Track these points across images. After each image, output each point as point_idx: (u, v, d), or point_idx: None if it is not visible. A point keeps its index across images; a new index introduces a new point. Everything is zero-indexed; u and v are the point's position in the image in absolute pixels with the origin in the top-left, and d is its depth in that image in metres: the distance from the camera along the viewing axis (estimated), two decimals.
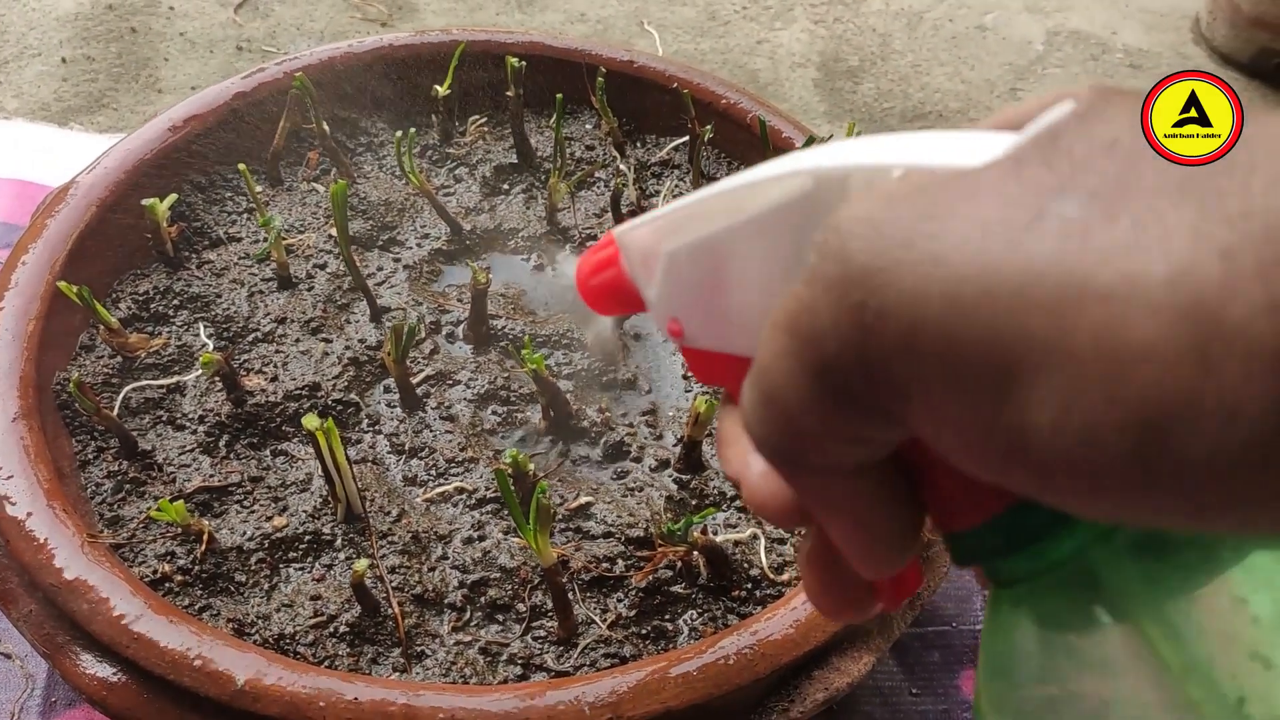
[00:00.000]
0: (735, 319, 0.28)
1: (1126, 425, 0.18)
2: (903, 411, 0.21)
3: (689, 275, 0.28)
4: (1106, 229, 0.19)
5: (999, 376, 0.19)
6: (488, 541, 0.57)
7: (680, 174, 0.81)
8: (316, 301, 0.68)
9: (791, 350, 0.22)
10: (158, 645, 0.47)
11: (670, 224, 0.29)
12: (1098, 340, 0.18)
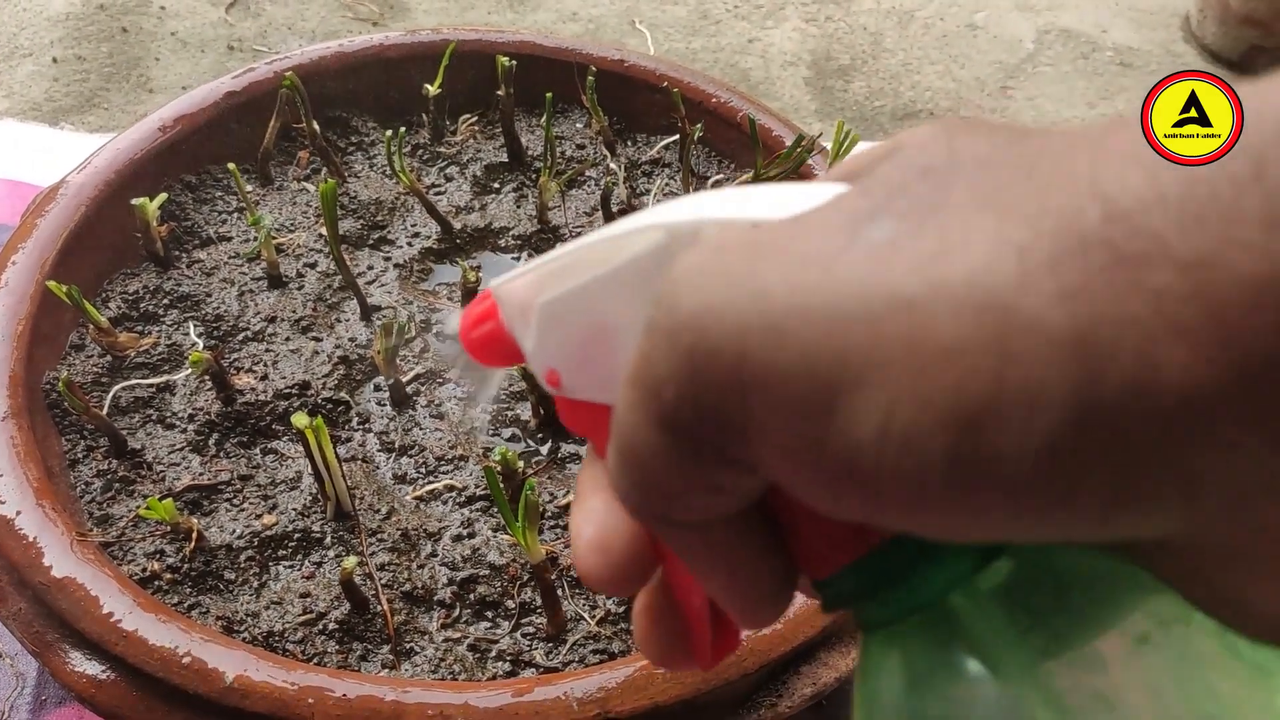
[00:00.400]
0: (606, 369, 0.28)
1: (941, 425, 0.18)
2: (745, 452, 0.21)
3: (562, 326, 0.29)
4: (914, 244, 0.19)
5: (822, 397, 0.19)
6: (477, 539, 0.57)
7: (671, 172, 0.81)
8: (307, 300, 0.69)
9: (637, 403, 0.22)
10: (147, 643, 0.47)
11: (544, 276, 0.29)
12: (907, 347, 0.18)
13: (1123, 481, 0.18)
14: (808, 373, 0.19)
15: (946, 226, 0.19)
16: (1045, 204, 0.19)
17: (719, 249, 0.22)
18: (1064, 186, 0.19)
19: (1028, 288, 0.18)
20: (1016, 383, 0.17)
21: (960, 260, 0.18)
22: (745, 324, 0.20)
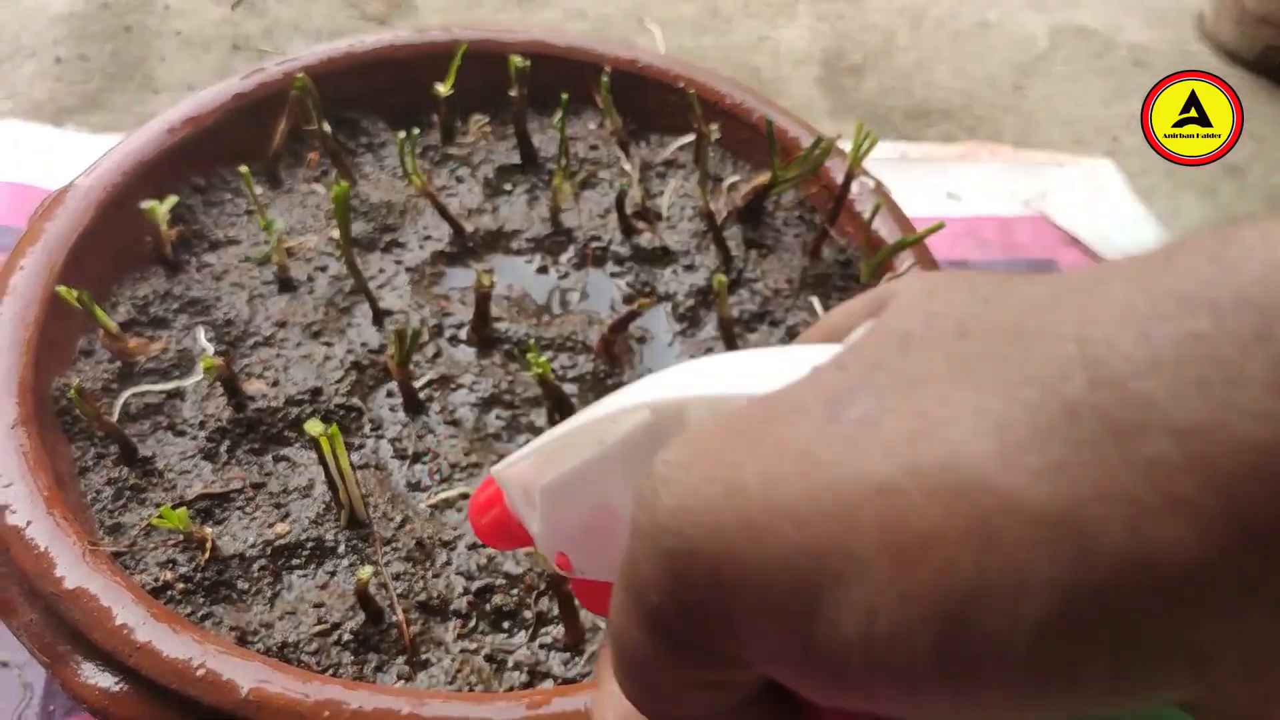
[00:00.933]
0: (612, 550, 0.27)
1: (926, 619, 0.17)
2: (734, 650, 0.20)
3: (566, 509, 0.28)
4: (891, 423, 0.18)
5: (803, 596, 0.18)
6: (492, 548, 0.56)
7: (685, 173, 0.80)
8: (318, 304, 0.68)
9: (625, 605, 0.21)
10: (160, 654, 0.47)
11: (543, 458, 0.29)
12: (884, 537, 0.17)
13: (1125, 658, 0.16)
14: (787, 571, 0.18)
15: (924, 402, 0.18)
16: (1027, 372, 0.18)
17: (696, 440, 0.21)
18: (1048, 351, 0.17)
19: (1008, 465, 0.17)
20: (1000, 568, 0.16)
21: (937, 439, 0.18)
22: (721, 523, 0.19)
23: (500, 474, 0.30)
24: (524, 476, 0.29)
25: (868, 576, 0.17)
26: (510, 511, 0.30)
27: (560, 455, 0.28)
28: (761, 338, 0.69)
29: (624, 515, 0.26)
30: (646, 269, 0.73)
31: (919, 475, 0.17)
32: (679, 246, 0.74)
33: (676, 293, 0.72)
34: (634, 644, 0.21)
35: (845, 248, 0.74)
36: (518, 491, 0.30)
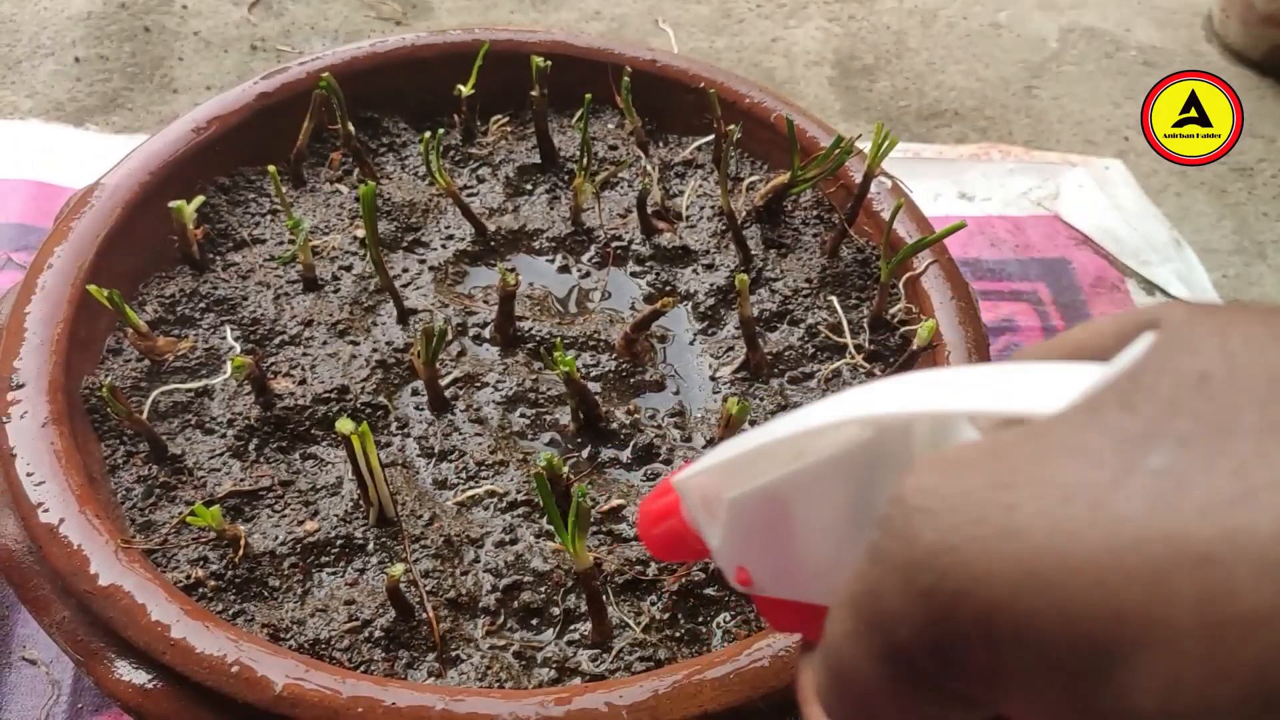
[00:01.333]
0: (805, 567, 0.27)
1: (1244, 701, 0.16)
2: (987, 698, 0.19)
3: (753, 522, 0.27)
4: (1204, 480, 0.17)
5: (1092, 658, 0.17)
6: (520, 545, 0.56)
7: (704, 174, 0.81)
8: (343, 303, 0.68)
9: (859, 633, 0.20)
10: (195, 651, 0.47)
11: (730, 469, 0.28)
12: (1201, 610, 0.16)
13: None
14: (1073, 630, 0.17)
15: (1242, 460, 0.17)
16: None
17: (954, 468, 0.19)
18: None
19: None
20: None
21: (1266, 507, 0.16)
22: (996, 570, 0.18)
23: (681, 484, 0.29)
24: (706, 487, 0.29)
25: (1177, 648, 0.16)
26: (687, 523, 0.30)
27: (750, 468, 0.27)
28: (782, 336, 0.69)
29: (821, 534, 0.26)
30: (667, 268, 0.74)
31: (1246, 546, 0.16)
32: (699, 246, 0.75)
33: (697, 292, 0.72)
34: (863, 673, 0.20)
35: (864, 247, 0.75)
36: (698, 502, 0.29)
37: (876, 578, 0.20)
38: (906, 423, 0.24)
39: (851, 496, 0.25)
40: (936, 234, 0.66)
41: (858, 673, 0.21)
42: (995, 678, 0.18)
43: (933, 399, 0.23)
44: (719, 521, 0.28)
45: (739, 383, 0.67)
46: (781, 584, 0.28)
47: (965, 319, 0.66)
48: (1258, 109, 1.23)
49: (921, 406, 0.23)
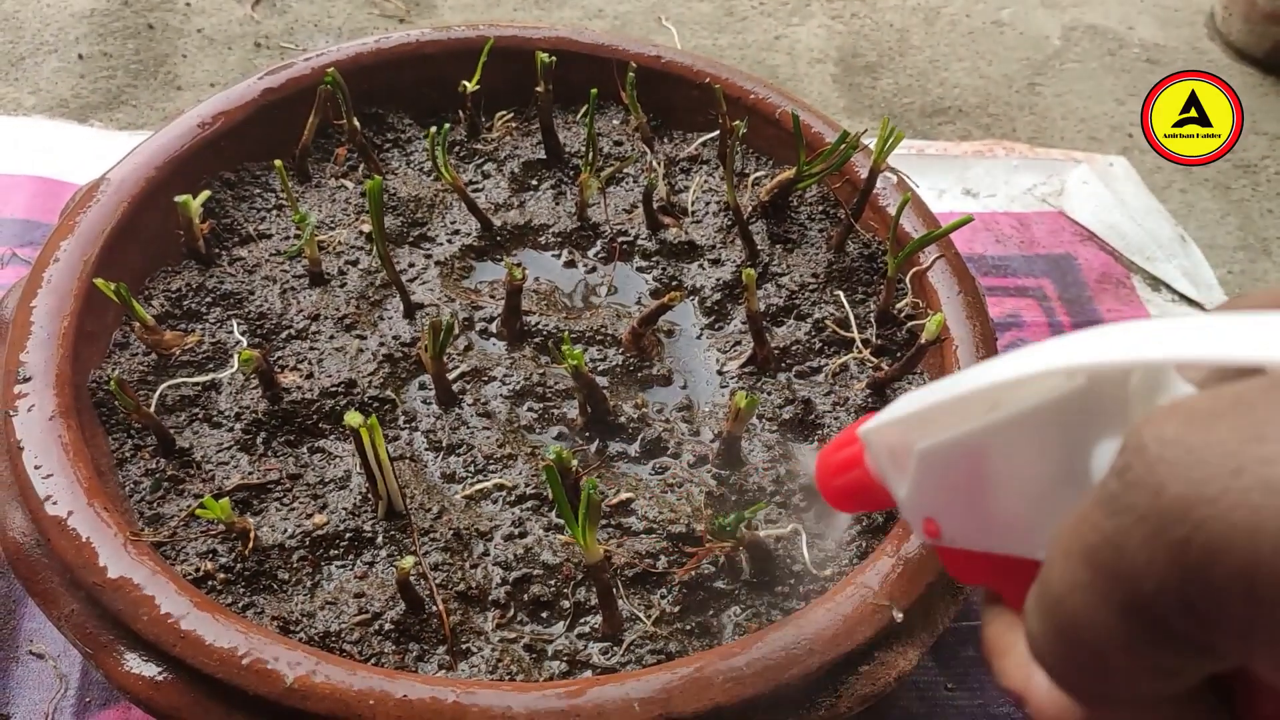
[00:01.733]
0: (999, 519, 0.26)
1: None
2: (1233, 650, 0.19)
3: (945, 474, 0.27)
4: None
5: None
6: (529, 538, 0.56)
7: (709, 169, 0.81)
8: (349, 298, 0.68)
9: (1094, 585, 0.20)
10: (205, 643, 0.47)
11: (920, 421, 0.27)
12: None
13: None
14: None
15: None
16: None
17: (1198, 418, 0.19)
18: None
19: None
20: None
21: None
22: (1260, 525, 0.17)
23: (868, 434, 0.29)
24: (893, 439, 0.28)
25: None
26: (872, 473, 0.29)
27: (942, 419, 0.26)
28: (789, 331, 0.69)
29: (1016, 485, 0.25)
30: (673, 263, 0.74)
31: None
32: (705, 241, 0.75)
33: (703, 287, 0.72)
34: (1096, 624, 0.20)
35: (869, 242, 0.75)
36: (884, 453, 0.29)
37: (1116, 529, 0.19)
38: (1125, 372, 0.23)
39: (1057, 448, 0.24)
40: (943, 228, 0.66)
41: (1091, 626, 0.20)
42: (1249, 633, 0.18)
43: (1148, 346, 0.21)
44: (907, 473, 0.28)
45: (746, 377, 0.67)
46: (973, 536, 0.27)
47: (972, 313, 0.66)
48: (1261, 106, 1.23)
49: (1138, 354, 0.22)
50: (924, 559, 0.54)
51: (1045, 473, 0.25)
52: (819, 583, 0.56)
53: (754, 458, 0.61)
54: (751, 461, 0.61)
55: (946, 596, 0.56)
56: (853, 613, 0.51)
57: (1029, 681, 0.26)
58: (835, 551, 0.58)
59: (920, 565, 0.53)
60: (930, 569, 0.54)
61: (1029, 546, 0.24)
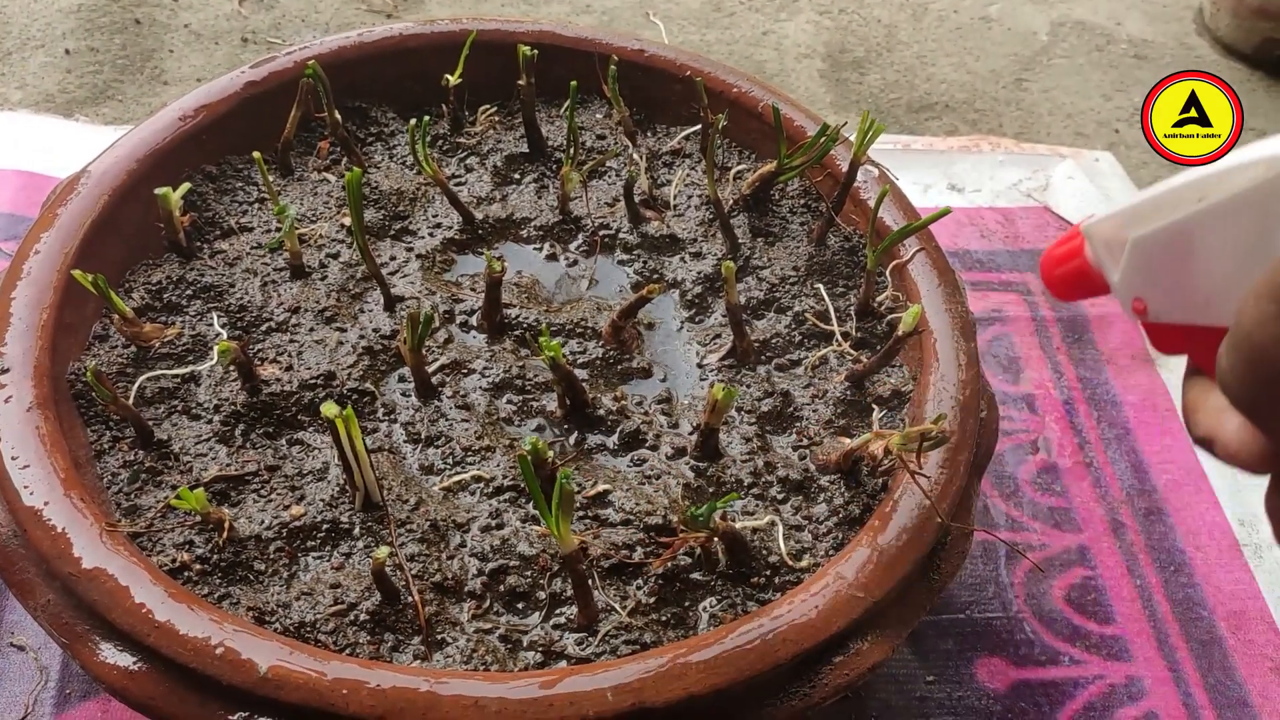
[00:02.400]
0: (1201, 294, 0.31)
1: None
2: None
3: (1154, 258, 0.31)
4: None
5: None
6: (506, 529, 0.57)
7: (691, 163, 0.81)
8: (330, 291, 0.68)
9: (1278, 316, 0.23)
10: (179, 633, 0.47)
11: (1136, 214, 0.32)
12: None
13: None
14: None
15: None
16: None
17: None
18: None
19: None
20: None
21: None
22: None
23: (1089, 228, 0.34)
24: (1110, 231, 0.33)
25: None
26: (1089, 262, 0.34)
27: (1154, 211, 0.31)
28: (769, 324, 0.69)
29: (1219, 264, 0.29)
30: (654, 256, 0.74)
31: None
32: (686, 235, 0.75)
33: (684, 280, 0.72)
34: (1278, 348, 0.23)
35: (850, 235, 0.75)
36: (1101, 244, 0.33)
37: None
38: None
39: (1253, 229, 0.28)
40: (921, 220, 0.66)
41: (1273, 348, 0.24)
42: None
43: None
44: (1120, 260, 0.32)
45: (726, 370, 0.67)
46: (1177, 311, 0.32)
47: (951, 305, 0.66)
48: (1249, 102, 1.24)
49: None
50: (900, 550, 0.54)
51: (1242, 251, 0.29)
52: (795, 574, 0.56)
53: (732, 450, 0.62)
54: (730, 454, 0.61)
55: (922, 588, 0.56)
56: (827, 603, 0.51)
57: (1220, 425, 0.30)
58: (811, 543, 0.58)
59: (896, 557, 0.54)
60: (906, 560, 0.54)
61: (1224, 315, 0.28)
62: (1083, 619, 0.72)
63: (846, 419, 0.64)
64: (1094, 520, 0.78)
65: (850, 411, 0.65)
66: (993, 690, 0.67)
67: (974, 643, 0.70)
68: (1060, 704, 0.67)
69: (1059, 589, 0.73)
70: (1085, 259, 0.35)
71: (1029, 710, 0.67)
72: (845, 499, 0.60)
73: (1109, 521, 0.78)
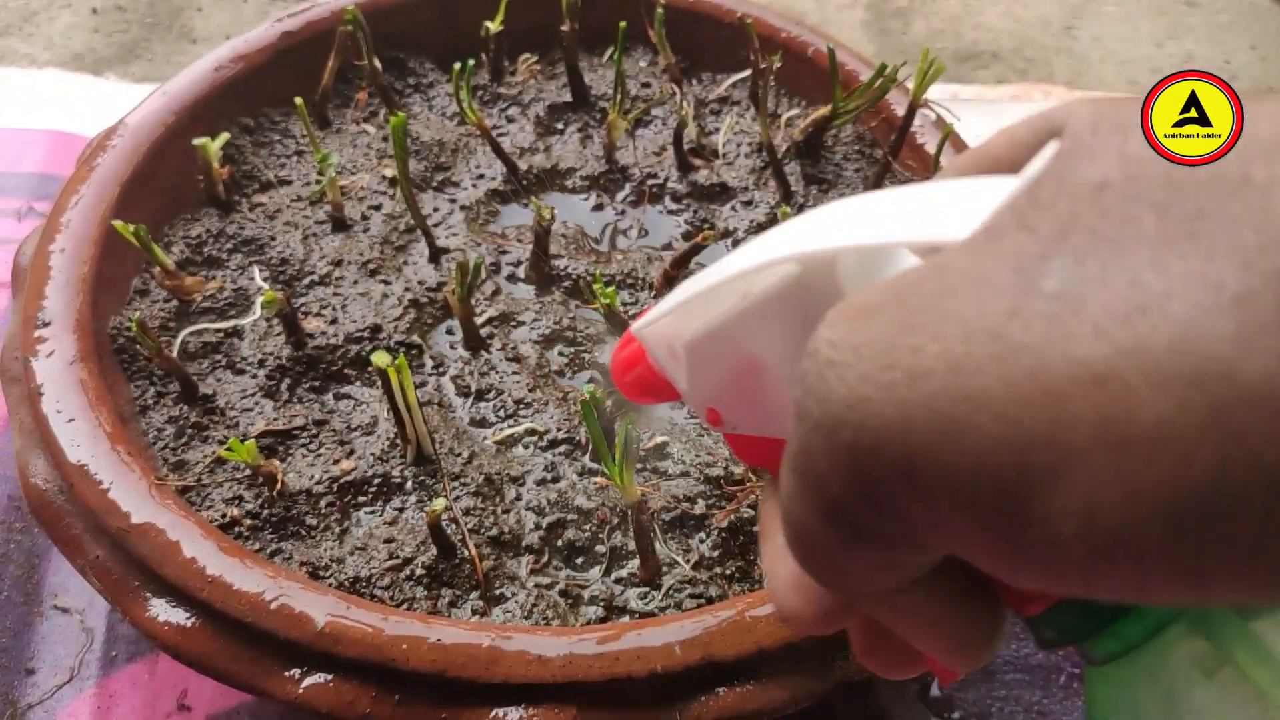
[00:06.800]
0: (766, 404, 0.27)
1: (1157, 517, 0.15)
2: (926, 541, 0.19)
3: (712, 364, 0.27)
4: (1099, 297, 0.16)
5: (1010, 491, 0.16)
6: (562, 483, 0.55)
7: (740, 110, 0.78)
8: (373, 243, 0.66)
9: (800, 490, 0.20)
10: (233, 588, 0.46)
11: (685, 312, 0.27)
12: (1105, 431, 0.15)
13: None
14: (987, 467, 0.16)
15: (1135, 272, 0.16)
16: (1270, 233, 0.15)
17: (861, 314, 0.19)
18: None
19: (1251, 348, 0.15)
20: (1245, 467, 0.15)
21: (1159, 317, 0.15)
22: (907, 416, 0.17)
23: (640, 331, 0.29)
24: (666, 332, 0.29)
25: (1085, 472, 0.16)
26: (654, 369, 0.30)
27: (703, 309, 0.27)
28: None
29: (772, 370, 0.26)
30: (705, 205, 0.72)
31: (1141, 361, 0.15)
32: (737, 183, 0.72)
33: (736, 229, 0.70)
34: (809, 528, 0.20)
35: (908, 180, 0.72)
36: (661, 348, 0.29)
37: (804, 436, 0.19)
38: (830, 259, 0.23)
39: (793, 334, 0.24)
40: None
41: (807, 531, 0.21)
42: (927, 522, 0.18)
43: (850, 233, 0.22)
44: (682, 365, 0.28)
45: None
46: (748, 422, 0.28)
47: None
48: None
49: (841, 241, 0.22)
50: None
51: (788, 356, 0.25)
52: None
53: None
54: None
55: None
56: None
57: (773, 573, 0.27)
58: None
59: None
60: None
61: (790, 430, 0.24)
62: None
63: None
64: None
65: None
66: None
67: None
68: None
69: None
70: (648, 365, 0.30)
71: None
72: None
73: None
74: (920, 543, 0.19)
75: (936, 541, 0.19)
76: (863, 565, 0.21)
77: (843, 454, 0.18)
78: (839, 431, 0.18)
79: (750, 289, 0.25)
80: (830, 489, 0.19)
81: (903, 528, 0.19)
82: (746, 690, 0.46)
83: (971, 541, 0.18)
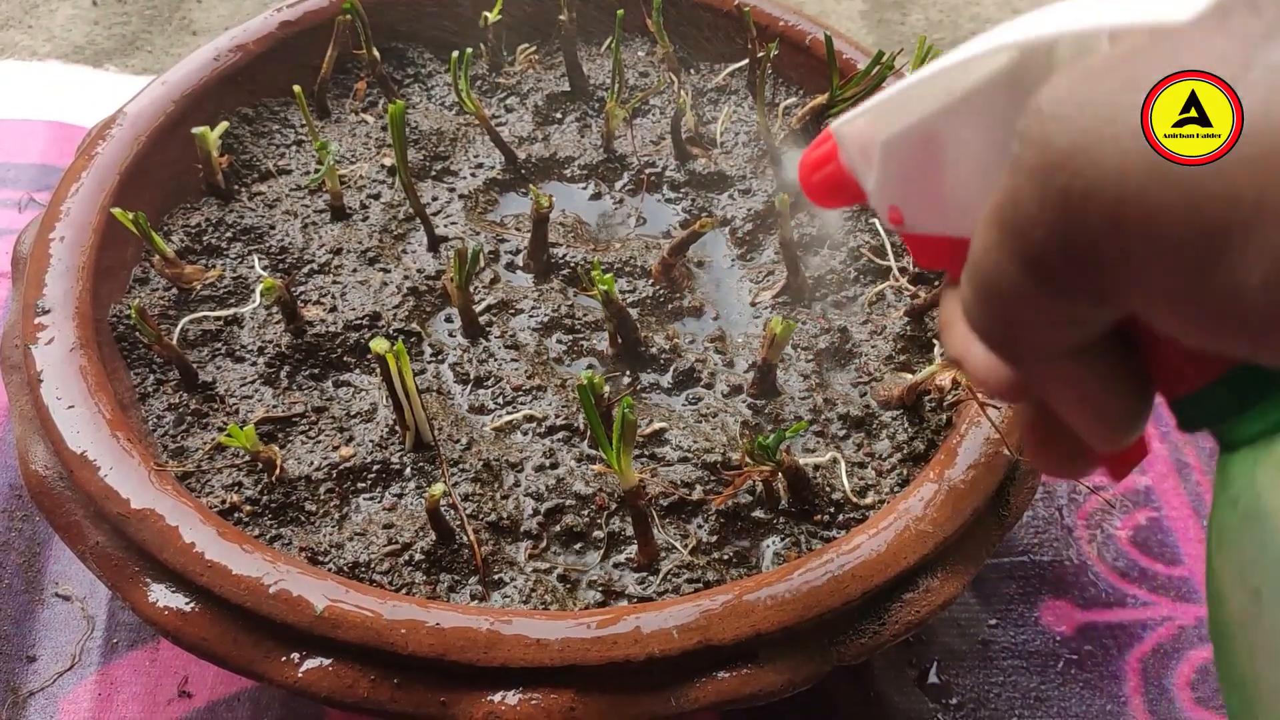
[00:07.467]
0: (952, 202, 0.27)
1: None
2: (1115, 291, 0.20)
3: (905, 162, 0.28)
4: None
5: (1207, 241, 0.18)
6: (561, 469, 0.55)
7: (738, 99, 0.78)
8: (372, 231, 0.66)
9: (1000, 243, 0.21)
10: (232, 573, 0.46)
11: (883, 112, 0.28)
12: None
13: None
14: (1193, 216, 0.18)
15: None
16: None
17: (1088, 75, 0.20)
18: None
19: None
20: None
21: None
22: (1126, 165, 0.19)
23: (838, 130, 0.30)
24: (862, 133, 0.29)
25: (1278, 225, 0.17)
26: (844, 168, 0.30)
27: (902, 109, 0.27)
28: (822, 261, 0.67)
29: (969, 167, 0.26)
30: (703, 194, 0.72)
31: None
32: (735, 171, 0.73)
33: (734, 217, 0.70)
34: (1003, 279, 0.22)
35: None
36: (855, 148, 0.30)
37: (1014, 187, 0.21)
38: (1049, 44, 0.24)
39: (997, 128, 0.25)
40: None
41: (999, 280, 0.22)
42: (1122, 269, 0.19)
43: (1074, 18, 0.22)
44: (873, 164, 0.29)
45: (780, 307, 0.65)
46: (932, 220, 0.29)
47: None
48: None
49: (1063, 26, 0.23)
50: (969, 485, 0.52)
51: (989, 153, 0.26)
52: (859, 511, 0.54)
53: (790, 387, 0.60)
54: (788, 391, 0.59)
55: (990, 524, 0.54)
56: (896, 539, 0.50)
57: (967, 349, 0.28)
58: (875, 480, 0.56)
59: (965, 492, 0.52)
60: (975, 495, 0.52)
61: None
62: (1149, 560, 0.70)
63: (907, 355, 0.62)
64: (1158, 461, 0.75)
65: (911, 347, 0.62)
66: (1059, 633, 0.65)
67: (1037, 586, 0.68)
68: (1129, 646, 0.65)
69: (1124, 530, 0.71)
70: (840, 164, 0.31)
71: (1097, 653, 0.65)
72: (908, 435, 0.58)
73: (1174, 462, 0.75)
74: (1107, 293, 0.20)
75: (1124, 292, 0.20)
76: (1045, 320, 0.22)
77: (1055, 199, 0.20)
78: (1054, 177, 0.19)
79: (954, 85, 0.26)
80: (1033, 235, 0.20)
81: (1096, 278, 0.20)
82: (744, 674, 0.46)
83: (1159, 292, 0.19)
